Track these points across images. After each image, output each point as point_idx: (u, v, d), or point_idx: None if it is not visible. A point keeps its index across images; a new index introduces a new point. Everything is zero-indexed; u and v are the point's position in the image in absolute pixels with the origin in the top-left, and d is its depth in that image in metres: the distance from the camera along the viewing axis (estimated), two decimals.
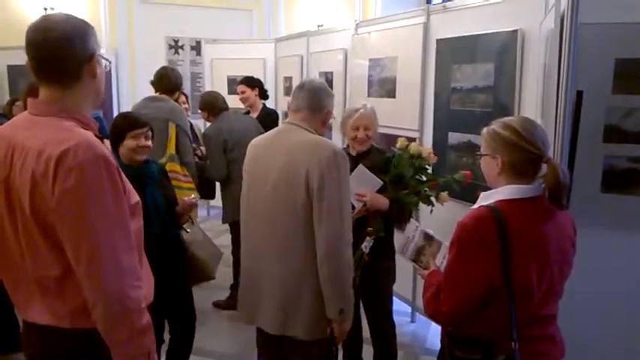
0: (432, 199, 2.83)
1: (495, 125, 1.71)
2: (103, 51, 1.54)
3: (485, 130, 1.75)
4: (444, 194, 2.87)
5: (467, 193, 3.15)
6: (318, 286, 2.04)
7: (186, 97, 4.95)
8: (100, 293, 1.31)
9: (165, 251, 2.60)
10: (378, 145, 2.98)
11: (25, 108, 2.38)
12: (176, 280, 2.70)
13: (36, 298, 1.43)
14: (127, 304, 1.33)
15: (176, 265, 2.71)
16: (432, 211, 2.84)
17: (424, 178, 2.83)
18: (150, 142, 2.58)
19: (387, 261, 2.86)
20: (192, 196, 2.96)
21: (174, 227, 2.75)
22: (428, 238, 2.09)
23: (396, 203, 2.69)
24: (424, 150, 2.85)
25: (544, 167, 1.65)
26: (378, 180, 2.66)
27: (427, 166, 2.85)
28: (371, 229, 2.68)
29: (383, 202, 2.66)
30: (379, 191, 2.68)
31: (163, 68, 4.04)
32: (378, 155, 2.84)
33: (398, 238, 2.90)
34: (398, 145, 2.90)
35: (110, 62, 1.69)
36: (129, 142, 2.49)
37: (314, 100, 2.18)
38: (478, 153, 1.79)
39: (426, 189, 2.78)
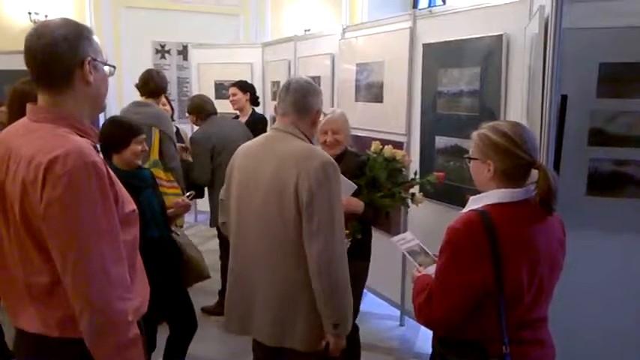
0: (408, 200, 2.88)
1: (487, 130, 1.70)
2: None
3: (475, 133, 1.74)
4: (419, 196, 2.92)
5: (455, 196, 3.18)
6: (313, 299, 2.00)
7: (168, 100, 4.91)
8: (86, 304, 1.30)
9: (164, 255, 2.63)
10: (352, 148, 2.99)
11: (9, 114, 2.37)
12: (175, 283, 2.73)
13: (26, 305, 1.41)
14: (113, 316, 1.31)
15: (174, 268, 2.74)
16: (407, 212, 2.85)
17: (400, 180, 2.87)
18: None
19: (363, 262, 2.89)
20: (187, 193, 2.97)
21: (169, 231, 2.77)
22: (424, 252, 2.07)
23: (371, 206, 2.73)
24: (398, 153, 2.89)
25: (534, 172, 1.66)
26: (352, 184, 2.67)
27: (402, 169, 2.90)
28: (347, 231, 2.68)
29: (358, 205, 2.68)
30: (354, 194, 2.69)
31: (148, 71, 4.02)
32: (352, 159, 2.84)
33: (380, 237, 2.92)
34: (372, 148, 2.92)
35: (115, 67, 1.68)
36: (135, 147, 2.54)
37: (301, 103, 2.10)
38: (467, 156, 1.79)
39: (400, 191, 2.83)
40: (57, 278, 1.33)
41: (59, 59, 1.36)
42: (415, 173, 3.05)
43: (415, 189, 3.07)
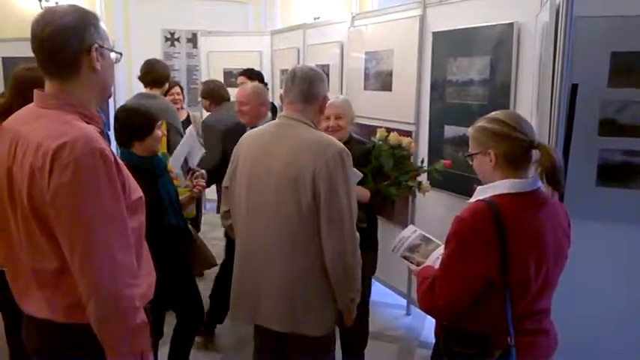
0: (415, 189, 2.86)
1: (481, 122, 1.72)
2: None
3: (471, 129, 1.75)
4: (426, 184, 2.90)
5: (464, 186, 3.16)
6: (326, 284, 2.06)
7: (182, 90, 4.92)
8: (93, 290, 1.31)
9: (179, 242, 2.66)
10: (357, 135, 2.97)
11: (10, 99, 2.37)
12: (186, 271, 2.77)
13: (33, 291, 1.43)
14: (121, 302, 1.32)
15: (186, 256, 2.77)
16: (414, 202, 2.79)
17: (407, 168, 2.85)
18: None
19: (370, 252, 2.85)
20: (199, 177, 2.98)
21: (183, 218, 2.80)
22: (425, 239, 2.08)
23: (377, 195, 2.71)
24: (404, 140, 2.86)
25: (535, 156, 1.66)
26: (358, 172, 2.61)
27: (409, 156, 2.88)
28: None
29: (363, 194, 2.66)
30: (360, 182, 2.63)
31: (148, 61, 4.02)
32: (357, 146, 2.80)
33: (385, 231, 2.91)
34: (377, 135, 2.90)
35: (121, 54, 1.69)
36: (157, 133, 2.56)
37: (308, 91, 2.12)
38: (468, 154, 1.79)
39: (407, 180, 2.80)
40: (64, 264, 1.34)
41: (66, 46, 1.36)
42: (422, 161, 3.02)
43: (422, 177, 3.03)
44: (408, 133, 3.65)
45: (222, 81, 5.98)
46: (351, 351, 2.99)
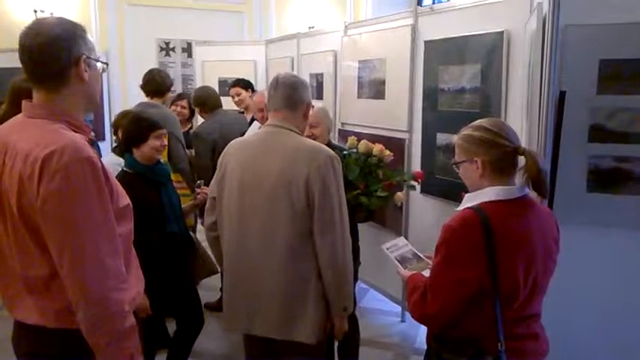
0: (393, 198, 2.82)
1: (465, 130, 1.74)
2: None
3: (456, 137, 1.77)
4: (400, 194, 2.87)
5: (456, 193, 3.17)
6: (320, 291, 2.07)
7: (189, 103, 4.89)
8: (82, 295, 1.32)
9: (181, 250, 2.69)
10: (336, 143, 2.96)
11: (7, 109, 2.40)
12: (187, 278, 2.79)
13: (24, 297, 1.44)
14: (109, 306, 1.34)
15: (188, 264, 2.79)
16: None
17: (380, 176, 2.80)
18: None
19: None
20: (197, 182, 3.02)
21: (185, 226, 2.82)
22: (416, 256, 2.07)
23: (348, 204, 2.62)
24: (374, 148, 2.82)
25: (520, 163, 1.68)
26: None
27: (380, 164, 2.83)
28: None
29: None
30: None
31: (150, 71, 4.05)
32: (338, 153, 2.78)
33: (379, 236, 2.89)
34: (348, 143, 2.89)
35: (107, 64, 1.74)
36: (153, 142, 2.58)
37: (291, 97, 2.13)
38: (454, 162, 1.80)
39: (377, 189, 2.72)
40: (54, 271, 1.36)
41: (55, 58, 1.38)
42: (401, 170, 2.98)
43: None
44: (401, 141, 3.69)
45: (218, 90, 6.00)
46: (344, 357, 2.98)
